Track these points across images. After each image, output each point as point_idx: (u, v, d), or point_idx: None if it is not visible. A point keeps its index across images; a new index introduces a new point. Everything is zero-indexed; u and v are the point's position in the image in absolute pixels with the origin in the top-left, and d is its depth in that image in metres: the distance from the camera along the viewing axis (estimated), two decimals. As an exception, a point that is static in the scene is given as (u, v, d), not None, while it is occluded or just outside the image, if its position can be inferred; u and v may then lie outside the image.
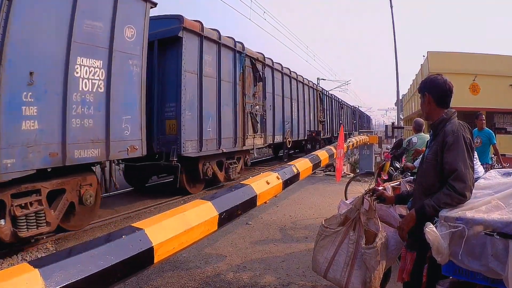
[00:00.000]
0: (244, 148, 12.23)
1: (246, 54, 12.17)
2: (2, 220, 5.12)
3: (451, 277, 2.47)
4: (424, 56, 27.82)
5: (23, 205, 5.34)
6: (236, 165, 12.00)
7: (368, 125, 72.79)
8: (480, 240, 2.17)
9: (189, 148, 9.35)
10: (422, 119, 6.71)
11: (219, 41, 10.77)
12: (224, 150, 10.87)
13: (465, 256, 2.20)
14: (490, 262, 2.13)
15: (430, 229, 2.23)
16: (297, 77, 18.24)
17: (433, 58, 24.95)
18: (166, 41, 9.30)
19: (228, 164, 11.50)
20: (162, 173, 10.86)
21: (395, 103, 33.49)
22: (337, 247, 3.10)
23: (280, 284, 4.44)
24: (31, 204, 5.46)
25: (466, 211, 2.28)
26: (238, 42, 11.98)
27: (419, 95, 2.84)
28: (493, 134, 8.46)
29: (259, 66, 13.37)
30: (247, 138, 12.34)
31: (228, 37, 11.56)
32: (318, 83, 28.56)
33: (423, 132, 6.69)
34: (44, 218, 5.63)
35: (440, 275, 2.46)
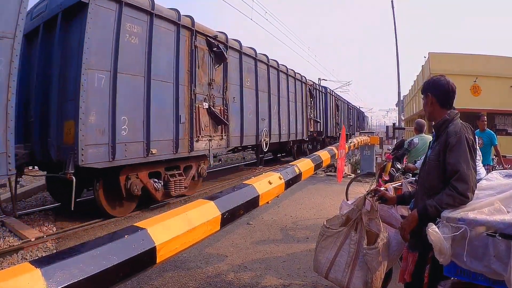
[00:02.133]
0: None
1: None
2: None
3: (452, 278, 2.47)
4: (425, 57, 27.83)
5: None
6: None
7: (362, 124, 58.91)
8: (482, 241, 2.17)
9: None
10: (423, 120, 6.71)
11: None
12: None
13: (467, 257, 2.20)
14: (492, 263, 2.13)
15: (433, 230, 2.23)
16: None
17: (434, 59, 24.94)
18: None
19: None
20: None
21: (396, 104, 33.44)
22: (338, 247, 3.09)
23: (281, 284, 4.44)
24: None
25: (468, 212, 2.27)
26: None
27: (421, 96, 2.84)
28: (495, 135, 8.46)
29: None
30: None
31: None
32: (319, 83, 27.97)
33: (424, 133, 6.69)
34: None
35: (442, 276, 2.46)
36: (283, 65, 16.69)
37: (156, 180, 8.48)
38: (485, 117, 8.80)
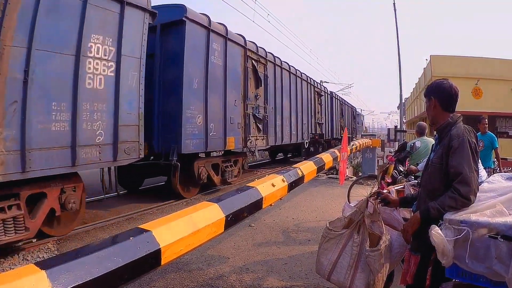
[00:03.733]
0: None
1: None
2: None
3: (454, 280, 2.48)
4: (426, 59, 27.86)
5: None
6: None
7: (354, 124, 41.44)
8: (484, 243, 2.19)
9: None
10: (425, 123, 6.72)
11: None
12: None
13: (469, 258, 2.22)
14: (494, 264, 2.14)
15: (436, 232, 2.24)
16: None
17: (436, 61, 25.00)
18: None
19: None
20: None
21: (397, 106, 33.40)
22: (341, 249, 3.11)
23: (282, 286, 4.45)
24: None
25: (471, 214, 2.29)
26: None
27: (422, 98, 2.87)
28: (495, 138, 8.45)
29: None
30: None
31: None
32: (321, 85, 27.58)
33: (426, 136, 6.70)
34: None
35: (444, 278, 2.47)
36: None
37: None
38: (486, 120, 8.80)
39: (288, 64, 16.33)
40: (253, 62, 12.40)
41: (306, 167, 5.68)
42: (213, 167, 10.60)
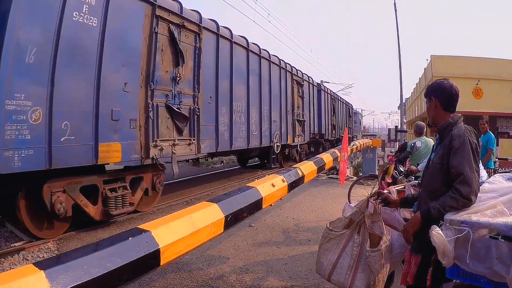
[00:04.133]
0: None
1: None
2: None
3: (454, 280, 2.47)
4: (427, 60, 27.90)
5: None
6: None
7: (349, 122, 36.51)
8: (485, 244, 2.18)
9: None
10: (422, 122, 6.71)
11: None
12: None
13: (469, 259, 2.21)
14: (495, 265, 2.14)
15: (436, 232, 2.24)
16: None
17: (436, 62, 25.03)
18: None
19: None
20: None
21: (398, 107, 33.37)
22: (341, 250, 3.10)
23: (282, 286, 4.44)
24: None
25: (471, 215, 2.29)
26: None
27: (423, 98, 2.87)
28: (492, 139, 8.41)
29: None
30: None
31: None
32: (321, 85, 26.92)
33: (425, 136, 6.69)
34: None
35: (444, 278, 2.46)
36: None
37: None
38: (484, 120, 8.76)
39: (246, 39, 12.07)
40: (171, 27, 8.27)
41: (306, 167, 5.68)
42: (88, 192, 6.66)
